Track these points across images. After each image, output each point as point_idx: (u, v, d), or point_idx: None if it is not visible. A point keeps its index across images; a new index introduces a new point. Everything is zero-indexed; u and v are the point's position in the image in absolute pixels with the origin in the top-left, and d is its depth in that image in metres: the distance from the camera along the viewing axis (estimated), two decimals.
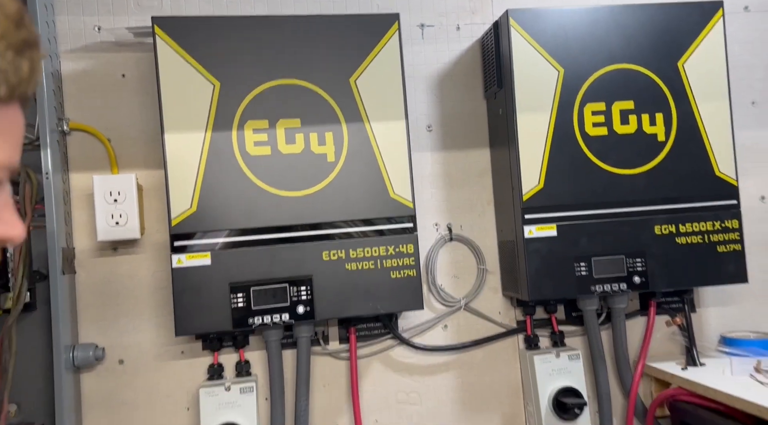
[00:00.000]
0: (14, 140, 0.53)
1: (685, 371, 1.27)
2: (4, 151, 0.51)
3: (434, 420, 1.34)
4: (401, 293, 1.22)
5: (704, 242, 1.28)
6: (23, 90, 0.50)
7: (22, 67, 0.49)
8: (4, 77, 0.48)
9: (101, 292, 1.24)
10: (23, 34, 0.49)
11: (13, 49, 0.49)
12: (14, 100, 0.51)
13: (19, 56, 0.49)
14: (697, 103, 1.29)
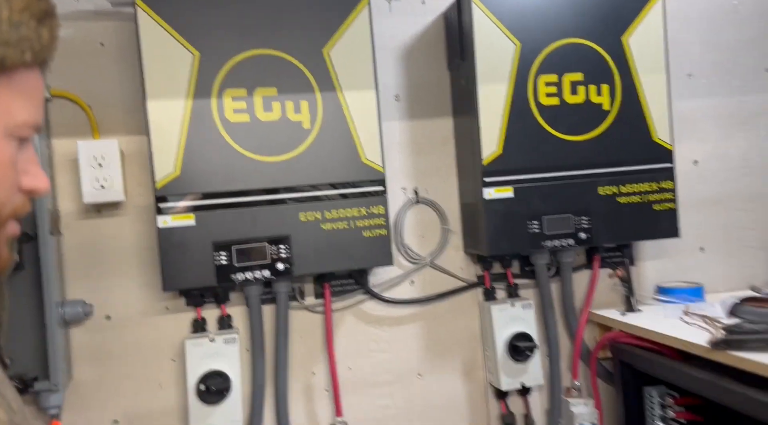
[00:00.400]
0: (38, 101, 0.60)
1: (624, 316, 1.43)
2: (29, 111, 0.58)
3: (402, 365, 1.46)
4: (373, 251, 1.32)
5: (642, 201, 1.43)
6: (44, 55, 0.57)
7: (43, 35, 0.56)
8: (29, 44, 0.55)
9: (87, 252, 1.30)
10: (43, 5, 0.56)
11: (36, 18, 0.55)
12: (36, 65, 0.58)
13: (40, 25, 0.56)
14: (638, 76, 1.42)
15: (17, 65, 0.54)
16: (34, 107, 0.58)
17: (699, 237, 1.63)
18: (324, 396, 1.42)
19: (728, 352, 1.07)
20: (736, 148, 1.64)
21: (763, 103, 1.65)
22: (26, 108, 0.57)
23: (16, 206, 0.59)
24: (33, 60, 0.56)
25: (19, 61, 0.54)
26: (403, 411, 1.46)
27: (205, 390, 1.25)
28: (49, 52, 0.58)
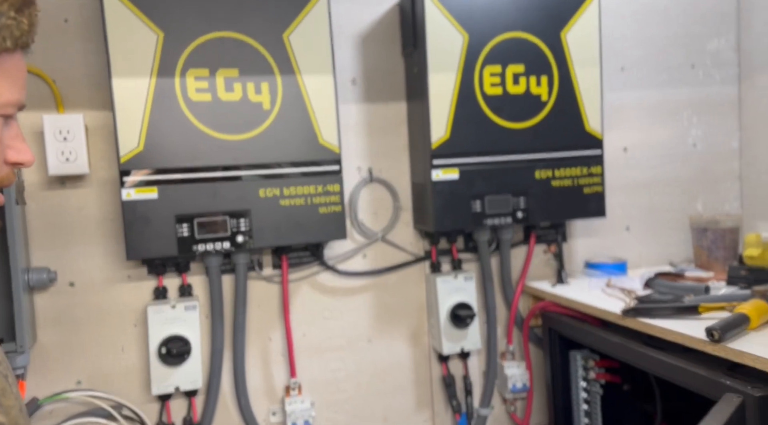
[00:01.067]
0: (20, 82, 0.67)
1: (554, 288, 1.58)
2: (11, 91, 0.65)
3: (353, 331, 1.58)
4: (328, 226, 1.42)
5: (573, 185, 1.57)
6: (25, 41, 0.65)
7: (23, 23, 0.63)
8: (9, 32, 0.62)
9: (51, 222, 1.35)
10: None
11: (15, 8, 0.63)
12: (18, 50, 0.65)
13: (19, 14, 0.63)
14: (574, 69, 1.54)
15: (0, 51, 0.61)
16: (17, 87, 0.65)
17: (625, 218, 1.79)
18: (280, 360, 1.52)
19: (637, 319, 1.23)
20: (661, 137, 1.80)
21: (688, 96, 1.81)
22: (9, 89, 0.64)
23: (2, 178, 0.66)
24: (14, 46, 0.63)
25: (1, 48, 0.61)
26: (354, 374, 1.58)
27: (166, 353, 1.33)
28: (29, 37, 0.65)
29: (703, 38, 1.81)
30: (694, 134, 1.83)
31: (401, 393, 1.61)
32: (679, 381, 1.10)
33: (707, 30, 1.81)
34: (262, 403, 1.50)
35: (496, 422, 1.67)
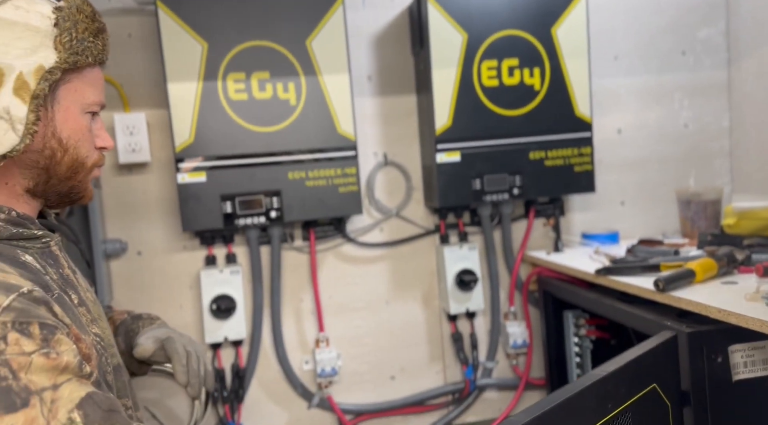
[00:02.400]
0: (100, 88, 0.90)
1: (548, 256, 1.78)
2: (94, 94, 0.89)
3: (372, 295, 1.83)
4: (346, 203, 1.67)
5: (565, 164, 1.76)
6: (101, 58, 0.88)
7: (98, 44, 0.87)
8: (90, 52, 0.85)
9: (121, 202, 1.65)
10: (97, 25, 0.85)
11: (92, 34, 0.86)
12: (97, 64, 0.89)
13: (96, 39, 0.86)
14: (564, 61, 1.73)
15: (84, 66, 0.85)
16: (98, 91, 0.89)
17: (620, 193, 1.97)
18: (310, 318, 1.79)
19: (608, 277, 1.43)
20: (654, 119, 1.97)
21: (678, 80, 1.96)
22: (93, 92, 0.88)
23: (95, 159, 0.91)
24: (94, 61, 0.86)
25: (85, 63, 0.84)
26: (374, 330, 1.83)
27: (217, 309, 1.62)
28: (104, 55, 0.89)
29: (694, 27, 1.95)
30: (685, 115, 1.98)
31: (415, 348, 1.86)
32: (637, 326, 1.30)
33: (698, 19, 1.95)
34: (296, 353, 1.78)
35: (500, 373, 1.90)
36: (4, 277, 0.72)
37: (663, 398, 1.07)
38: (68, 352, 0.70)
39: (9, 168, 0.81)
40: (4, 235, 0.79)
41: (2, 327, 0.66)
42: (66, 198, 0.88)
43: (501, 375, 1.90)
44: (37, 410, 0.65)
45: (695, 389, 1.11)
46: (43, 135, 0.81)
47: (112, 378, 0.86)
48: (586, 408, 0.92)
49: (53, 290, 0.79)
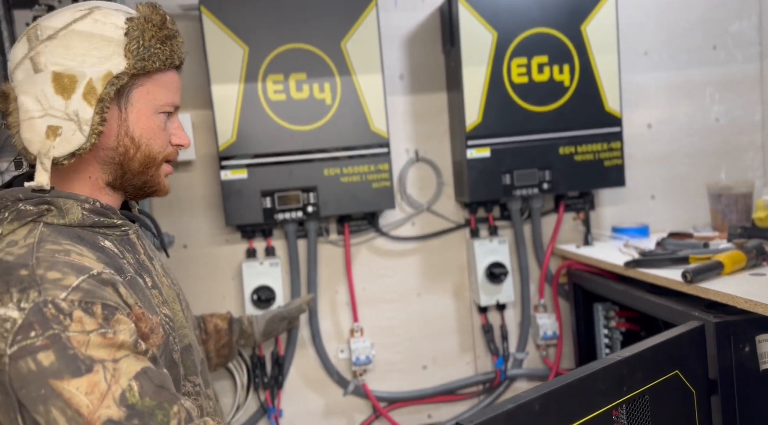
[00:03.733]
0: (173, 90, 0.98)
1: (578, 249, 1.81)
2: (168, 96, 0.97)
3: (404, 287, 1.89)
4: (379, 198, 1.73)
5: (595, 158, 1.79)
6: (170, 63, 0.95)
7: (166, 51, 0.94)
8: (157, 57, 0.93)
9: (169, 198, 1.74)
10: (164, 32, 0.92)
11: (160, 41, 0.93)
12: (169, 68, 0.96)
13: (164, 45, 0.94)
14: (594, 57, 1.76)
15: (154, 70, 0.93)
16: (170, 93, 0.97)
17: (650, 187, 1.99)
18: (345, 309, 1.86)
19: (637, 269, 1.46)
20: (683, 114, 1.97)
21: (709, 75, 1.97)
22: (164, 94, 0.96)
23: (168, 154, 0.99)
24: (162, 66, 0.94)
25: (153, 68, 0.92)
26: (406, 322, 1.89)
27: (257, 299, 1.70)
28: (173, 59, 0.96)
29: (725, 22, 1.95)
30: (716, 109, 1.98)
31: (447, 339, 1.91)
32: (665, 317, 1.33)
33: (728, 14, 1.95)
34: (332, 342, 1.85)
35: (531, 364, 1.94)
36: (80, 259, 0.81)
37: (687, 385, 1.11)
38: (125, 331, 0.77)
39: (91, 164, 0.91)
40: (87, 222, 0.87)
41: (70, 304, 0.75)
42: (141, 191, 0.97)
43: (531, 366, 1.94)
44: (101, 375, 0.73)
45: (723, 378, 1.14)
46: (117, 134, 0.90)
47: (179, 356, 0.93)
48: (599, 389, 0.96)
49: (127, 272, 0.87)
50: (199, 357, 1.04)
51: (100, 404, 0.72)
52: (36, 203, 0.84)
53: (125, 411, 0.73)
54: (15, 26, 1.61)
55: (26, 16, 1.62)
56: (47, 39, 0.85)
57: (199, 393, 0.97)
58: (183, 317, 1.00)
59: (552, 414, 0.88)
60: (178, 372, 0.91)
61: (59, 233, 0.84)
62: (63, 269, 0.78)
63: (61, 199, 0.86)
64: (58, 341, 0.73)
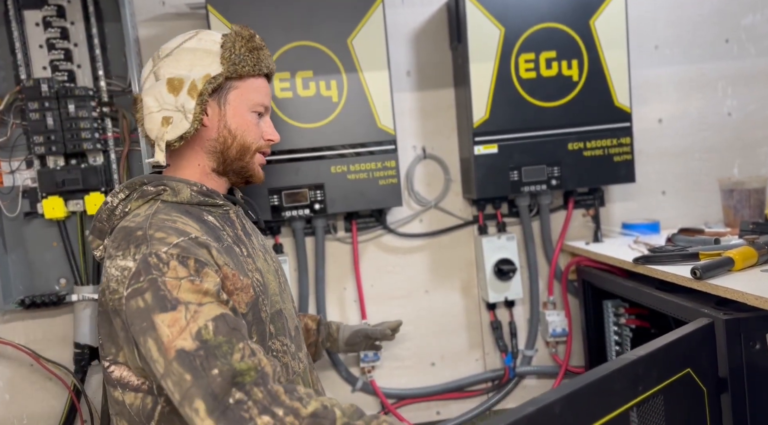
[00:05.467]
0: (263, 93, 1.16)
1: (587, 245, 1.80)
2: (257, 98, 1.16)
3: (412, 284, 1.89)
4: (386, 195, 1.73)
5: (604, 154, 1.77)
6: (258, 69, 1.14)
7: (253, 58, 1.13)
8: (246, 63, 1.11)
9: None
10: (252, 44, 1.13)
11: (248, 50, 1.12)
12: (257, 75, 1.15)
13: (251, 54, 1.13)
14: (603, 52, 1.74)
15: (245, 76, 1.12)
16: (260, 95, 1.16)
17: (661, 183, 1.96)
18: (353, 305, 1.86)
19: (647, 266, 1.44)
20: (695, 108, 1.95)
21: (721, 69, 1.94)
22: (255, 96, 1.15)
23: (260, 146, 1.17)
24: (252, 71, 1.12)
25: (243, 72, 1.11)
26: (414, 319, 1.89)
27: None
28: (260, 67, 1.14)
29: (737, 15, 1.92)
30: (729, 104, 1.95)
31: (455, 335, 1.91)
32: (675, 314, 1.32)
33: (741, 7, 1.92)
34: None
35: (540, 361, 1.93)
36: (184, 227, 0.98)
37: (698, 383, 1.09)
38: (210, 282, 0.92)
39: (198, 153, 1.12)
40: (194, 201, 1.07)
41: (169, 256, 0.92)
42: (240, 176, 1.16)
43: (540, 363, 1.93)
44: (182, 314, 0.88)
45: (733, 376, 1.13)
46: (218, 127, 1.11)
47: (267, 316, 1.06)
48: (616, 390, 0.95)
49: (224, 241, 1.04)
50: (294, 324, 1.18)
51: (179, 336, 0.86)
52: (155, 185, 1.06)
53: (198, 344, 0.85)
54: (25, 26, 1.64)
55: (36, 16, 1.64)
56: (165, 56, 1.10)
57: (286, 353, 1.10)
58: (276, 287, 1.14)
59: (571, 416, 0.87)
60: (264, 328, 1.05)
61: (172, 208, 1.03)
62: (168, 230, 0.95)
63: (174, 182, 1.06)
64: (155, 283, 0.89)
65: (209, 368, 0.84)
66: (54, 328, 1.70)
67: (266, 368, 0.88)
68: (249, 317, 1.02)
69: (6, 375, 1.70)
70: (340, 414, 0.86)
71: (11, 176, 1.64)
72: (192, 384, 0.83)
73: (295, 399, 0.86)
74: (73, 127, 1.59)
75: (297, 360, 1.14)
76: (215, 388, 0.83)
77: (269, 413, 0.83)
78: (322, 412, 0.85)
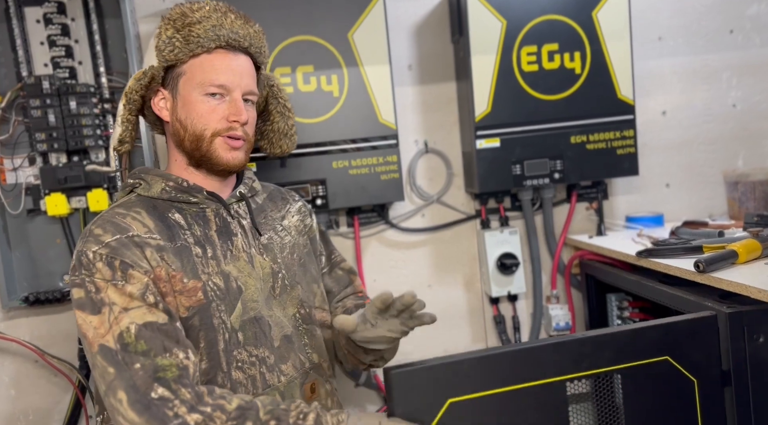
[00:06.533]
0: (215, 71, 1.06)
1: (591, 239, 1.79)
2: (206, 77, 1.06)
3: (415, 278, 1.89)
4: (388, 190, 1.72)
5: (607, 147, 1.76)
6: (196, 46, 1.05)
7: (180, 38, 1.05)
8: (172, 46, 1.05)
9: None
10: (184, 20, 1.06)
11: (176, 30, 1.05)
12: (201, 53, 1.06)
13: (178, 34, 1.05)
14: (606, 44, 1.72)
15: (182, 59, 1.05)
16: (210, 73, 1.05)
17: (665, 175, 1.95)
18: None
19: (650, 259, 1.43)
20: (699, 100, 1.93)
21: (726, 59, 1.92)
22: (203, 76, 1.05)
23: (218, 130, 1.07)
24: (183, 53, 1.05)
25: (173, 57, 1.05)
26: None
27: None
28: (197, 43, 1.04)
29: (742, 5, 1.90)
30: (733, 95, 1.94)
31: (458, 330, 1.90)
32: (678, 307, 1.31)
33: None
34: None
35: None
36: (130, 223, 0.99)
37: (684, 373, 1.09)
38: (135, 285, 0.93)
39: (172, 149, 1.11)
40: (164, 196, 1.06)
41: (97, 256, 0.95)
42: (209, 165, 1.08)
43: None
44: (106, 316, 0.92)
45: (736, 369, 1.12)
46: (172, 120, 1.08)
47: (226, 324, 1.02)
48: (547, 362, 1.01)
49: (178, 241, 1.01)
50: (283, 333, 1.10)
51: (101, 337, 0.91)
52: (134, 178, 1.08)
53: (119, 346, 0.90)
54: (26, 23, 1.64)
55: (36, 12, 1.64)
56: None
57: (255, 364, 1.04)
58: (257, 293, 1.07)
59: (480, 376, 0.98)
60: (215, 336, 1.00)
61: (138, 202, 1.05)
62: (107, 227, 0.98)
63: (151, 176, 1.07)
64: (84, 284, 0.94)
65: (131, 363, 0.89)
66: (58, 324, 1.71)
67: (189, 366, 0.92)
68: (194, 321, 0.99)
69: (11, 371, 1.72)
70: (261, 405, 0.92)
71: (14, 174, 1.64)
72: (115, 377, 0.88)
73: (218, 397, 0.91)
74: (75, 124, 1.59)
75: (276, 373, 1.06)
76: (137, 381, 0.88)
77: (197, 411, 0.87)
78: (246, 405, 0.91)
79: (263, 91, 1.22)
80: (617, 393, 1.08)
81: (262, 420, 0.90)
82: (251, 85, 1.10)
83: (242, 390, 1.02)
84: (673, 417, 1.09)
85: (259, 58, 1.15)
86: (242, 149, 1.10)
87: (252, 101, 1.13)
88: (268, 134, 1.30)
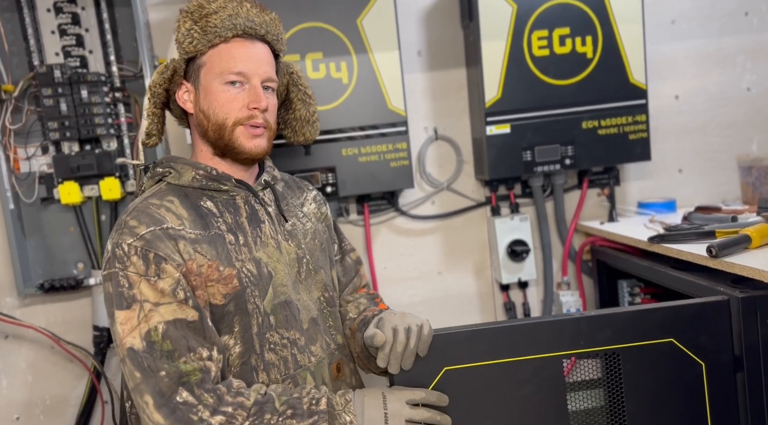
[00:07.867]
0: (233, 60, 1.06)
1: (602, 225, 1.78)
2: (223, 65, 1.06)
3: (425, 265, 1.89)
4: (398, 177, 1.72)
5: (619, 132, 1.74)
6: (214, 36, 1.05)
7: (199, 29, 1.05)
8: (191, 38, 1.05)
9: None
10: (200, 12, 1.06)
11: (194, 22, 1.05)
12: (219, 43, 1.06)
13: (196, 25, 1.05)
14: (617, 27, 1.70)
15: (201, 50, 1.06)
16: (229, 62, 1.06)
17: (678, 160, 1.93)
18: None
19: (662, 244, 1.42)
20: (713, 83, 1.90)
21: (740, 42, 1.89)
22: (222, 65, 1.05)
23: (239, 119, 1.06)
24: (202, 43, 1.05)
25: (193, 49, 1.06)
26: (427, 299, 1.89)
27: None
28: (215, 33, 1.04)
29: None
30: (748, 78, 1.91)
31: (468, 316, 1.91)
32: (690, 292, 1.30)
33: None
34: None
35: None
36: (165, 214, 0.99)
37: (691, 356, 1.08)
38: (167, 280, 0.94)
39: (198, 140, 1.11)
40: (195, 185, 1.06)
41: (132, 248, 0.95)
42: (233, 155, 1.08)
43: None
44: (136, 312, 0.92)
45: (749, 353, 1.11)
46: (196, 112, 1.08)
47: (260, 309, 1.04)
48: (543, 339, 1.06)
49: (211, 229, 1.02)
50: (310, 316, 1.12)
51: (129, 334, 0.92)
52: (163, 167, 1.08)
53: (145, 344, 0.91)
54: (37, 12, 1.65)
55: (47, 2, 1.65)
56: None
57: (287, 346, 1.07)
58: (286, 277, 1.09)
59: (475, 348, 1.05)
60: (249, 320, 1.02)
61: (170, 191, 1.05)
62: (143, 218, 0.98)
63: (181, 164, 1.07)
64: (116, 277, 0.94)
65: (157, 369, 0.91)
66: (73, 311, 1.74)
67: (211, 367, 0.94)
68: (230, 307, 1.01)
69: (28, 357, 1.75)
70: (276, 396, 0.96)
71: (27, 162, 1.66)
72: (141, 381, 0.91)
73: (236, 394, 0.93)
74: (87, 112, 1.61)
75: (306, 354, 1.09)
76: (162, 387, 0.91)
77: (219, 413, 0.91)
78: (262, 399, 0.94)
79: (283, 79, 1.21)
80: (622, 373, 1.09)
81: (279, 411, 0.94)
82: (270, 72, 1.10)
83: (275, 370, 1.04)
84: (678, 398, 1.10)
85: (276, 46, 1.15)
86: (264, 136, 1.10)
87: (272, 88, 1.12)
88: (291, 123, 1.28)
